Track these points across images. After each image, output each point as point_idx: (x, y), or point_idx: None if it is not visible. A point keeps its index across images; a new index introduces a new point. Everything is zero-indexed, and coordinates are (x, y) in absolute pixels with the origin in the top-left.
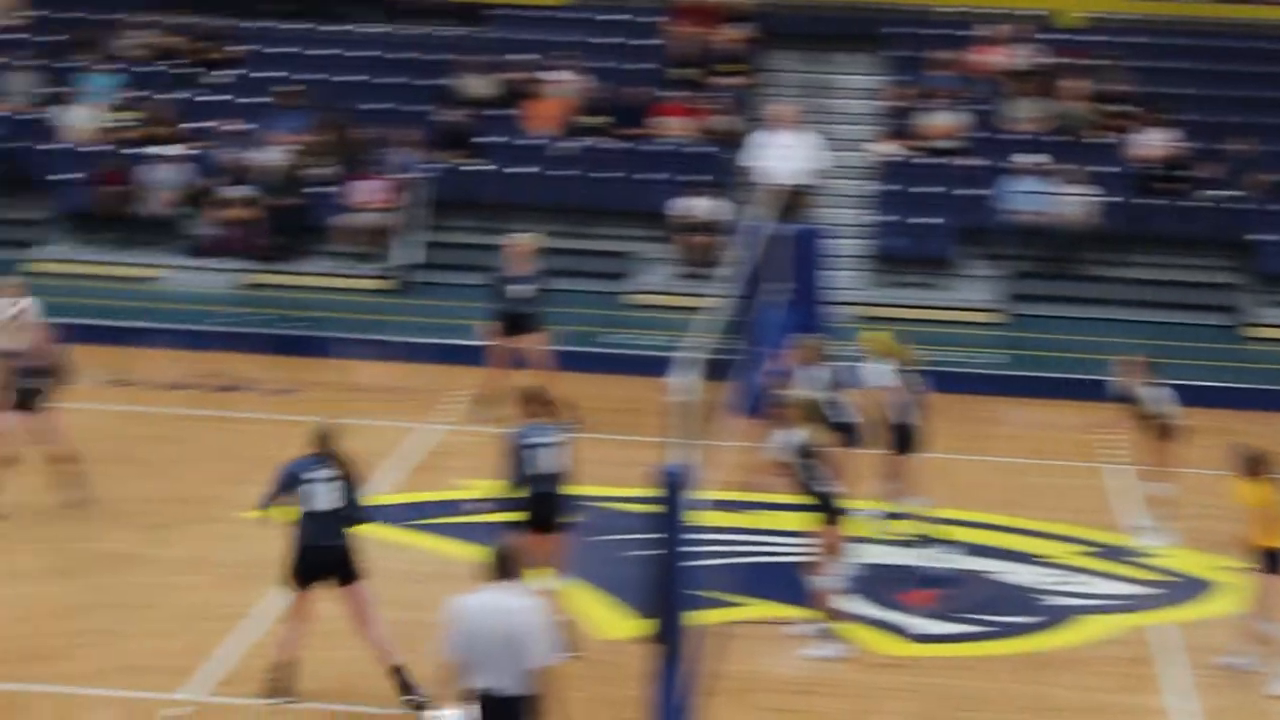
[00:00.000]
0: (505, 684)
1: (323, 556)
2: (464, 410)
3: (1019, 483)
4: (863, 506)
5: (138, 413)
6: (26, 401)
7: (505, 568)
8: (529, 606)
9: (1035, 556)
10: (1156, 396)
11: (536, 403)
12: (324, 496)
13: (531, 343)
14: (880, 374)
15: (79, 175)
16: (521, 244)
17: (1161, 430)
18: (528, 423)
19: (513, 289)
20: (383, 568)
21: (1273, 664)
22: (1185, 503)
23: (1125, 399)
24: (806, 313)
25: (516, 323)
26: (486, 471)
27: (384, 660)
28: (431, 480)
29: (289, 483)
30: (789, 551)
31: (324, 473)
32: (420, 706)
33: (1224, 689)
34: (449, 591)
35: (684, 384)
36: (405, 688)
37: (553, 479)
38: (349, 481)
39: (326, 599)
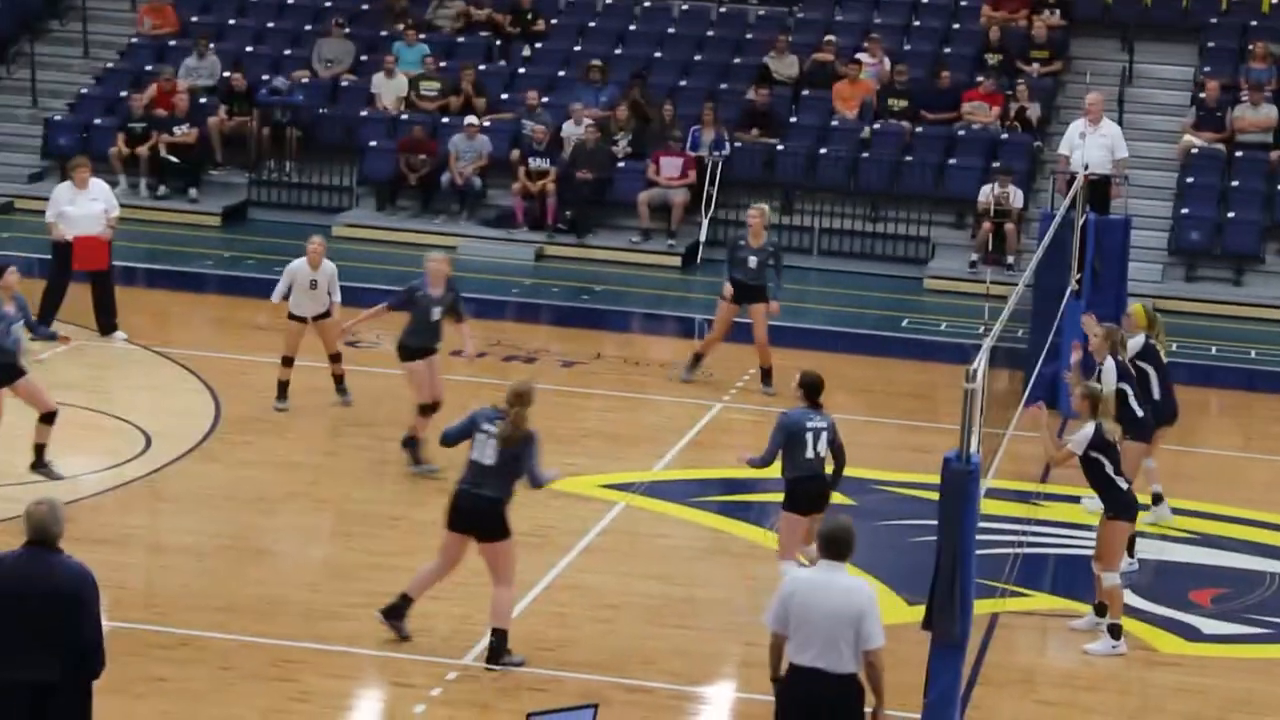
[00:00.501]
0: (834, 663)
1: (470, 505)
2: (747, 387)
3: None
4: (1149, 501)
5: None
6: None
7: (838, 547)
8: (862, 587)
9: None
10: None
11: (814, 388)
12: (489, 450)
13: (756, 313)
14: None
15: (386, 143)
16: (755, 214)
17: None
18: (803, 406)
19: (747, 257)
20: (659, 543)
21: None
22: None
23: None
24: (1108, 304)
25: (746, 292)
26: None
27: (494, 621)
28: (710, 457)
29: (468, 427)
30: (1077, 544)
31: (490, 425)
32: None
33: None
34: (722, 568)
35: (977, 371)
36: (496, 653)
37: (823, 463)
38: (522, 443)
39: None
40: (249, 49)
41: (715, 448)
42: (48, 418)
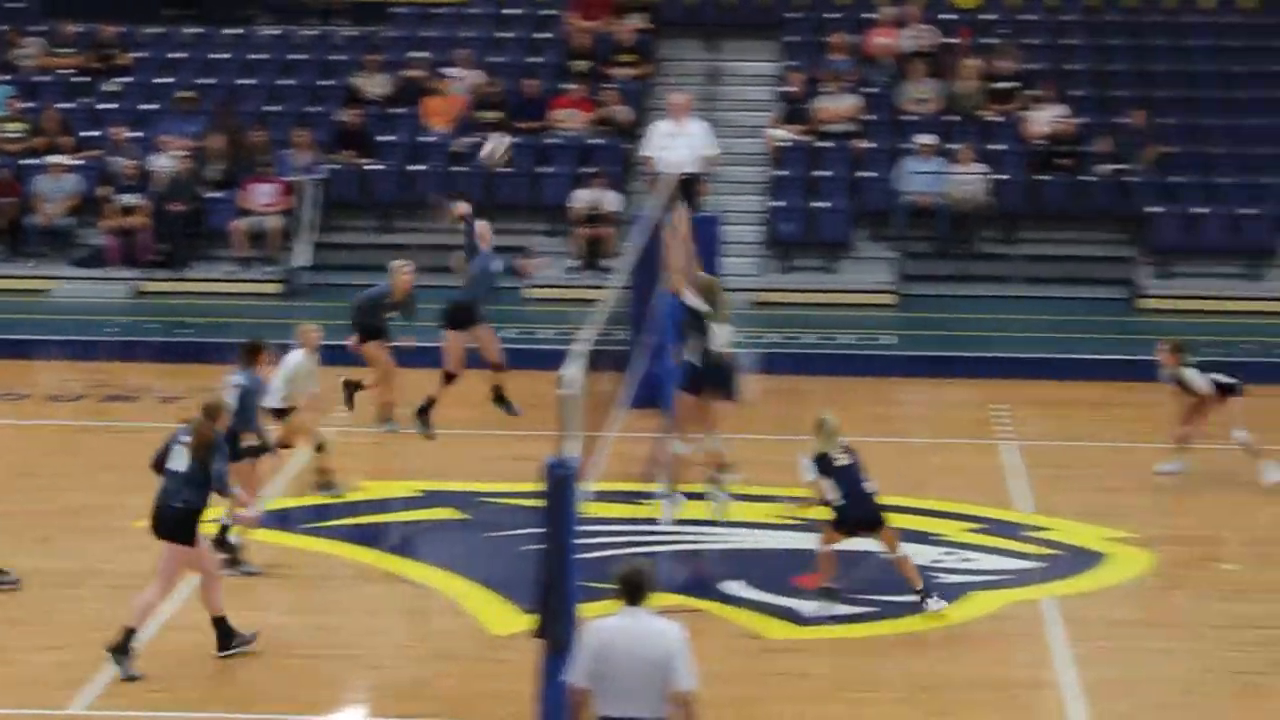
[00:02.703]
0: (646, 709)
1: (166, 513)
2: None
3: (916, 463)
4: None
5: (27, 426)
6: None
7: (637, 591)
8: (671, 629)
9: (929, 535)
10: (1192, 375)
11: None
12: (183, 460)
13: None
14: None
15: None
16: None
17: (1197, 407)
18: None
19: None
20: (283, 573)
21: None
22: (1078, 475)
23: (1176, 381)
24: None
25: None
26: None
27: (131, 620)
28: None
29: (167, 443)
30: (686, 541)
31: (185, 437)
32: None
33: (1108, 662)
34: (352, 594)
35: (574, 377)
36: (121, 647)
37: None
38: (208, 449)
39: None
40: None
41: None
42: None
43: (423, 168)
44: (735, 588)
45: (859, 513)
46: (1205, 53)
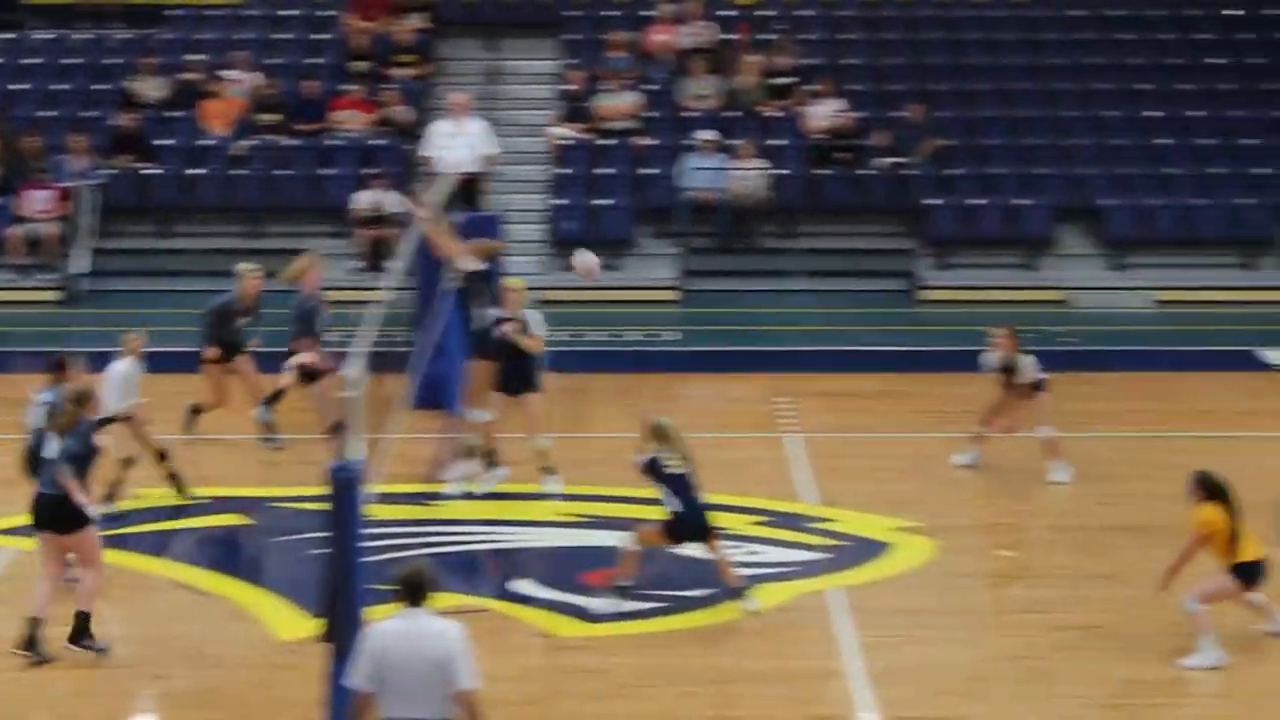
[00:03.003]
0: (430, 710)
1: (45, 502)
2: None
3: (702, 457)
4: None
5: None
6: None
7: (417, 592)
8: (452, 630)
9: (716, 528)
10: (1028, 364)
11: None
12: (53, 447)
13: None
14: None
15: None
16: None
17: (1027, 394)
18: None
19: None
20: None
21: None
22: (862, 466)
23: (1004, 369)
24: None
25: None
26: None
27: (79, 604)
28: (99, 492)
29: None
30: (472, 540)
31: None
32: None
33: (892, 648)
34: (116, 603)
35: (354, 379)
36: (77, 635)
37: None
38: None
39: None
40: None
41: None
42: None
43: (202, 171)
44: (524, 586)
45: (693, 523)
46: (979, 46)
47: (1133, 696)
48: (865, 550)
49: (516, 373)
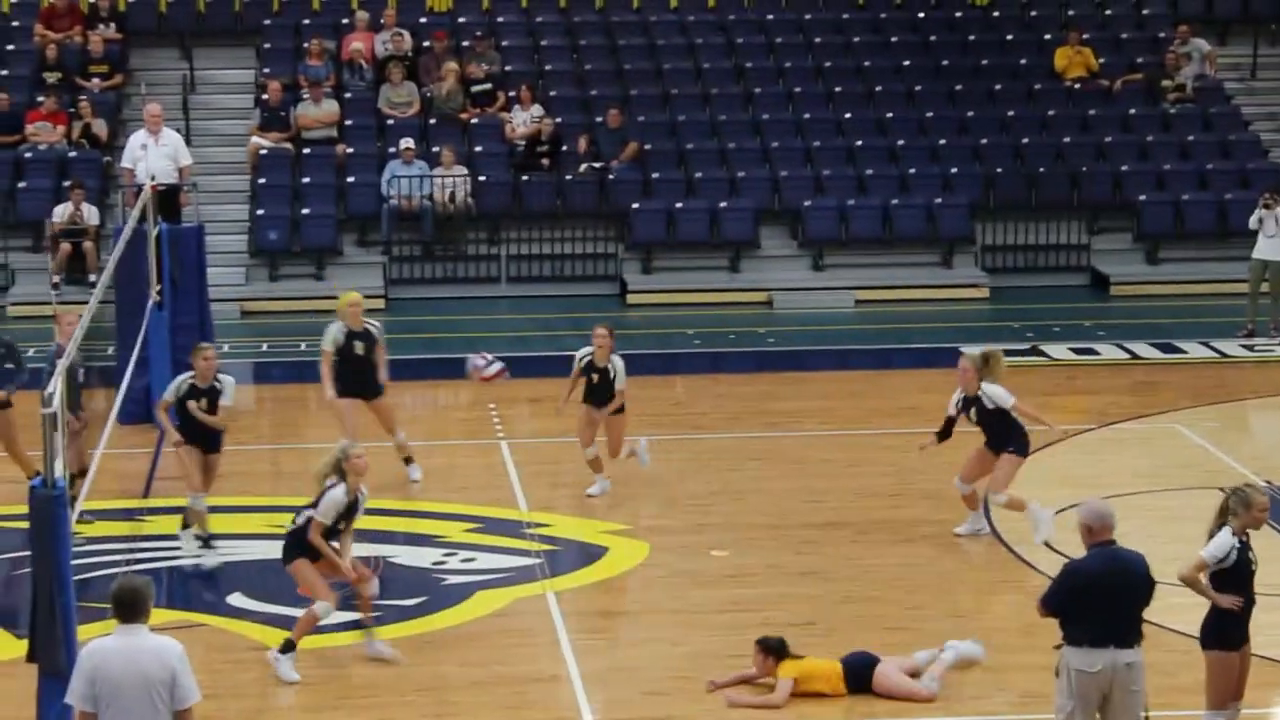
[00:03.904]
0: None
1: None
2: None
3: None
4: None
5: None
6: None
7: (132, 609)
8: (170, 646)
9: (430, 536)
10: (619, 368)
11: None
12: None
13: None
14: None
15: None
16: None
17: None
18: None
19: None
20: None
21: None
22: (572, 470)
23: (590, 370)
24: (191, 312)
25: None
26: None
27: None
28: None
29: None
30: (180, 556)
31: None
32: None
33: (608, 650)
34: None
35: (52, 394)
36: None
37: None
38: None
39: None
40: None
41: None
42: None
43: None
44: (237, 600)
45: None
46: (677, 51)
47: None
48: (580, 554)
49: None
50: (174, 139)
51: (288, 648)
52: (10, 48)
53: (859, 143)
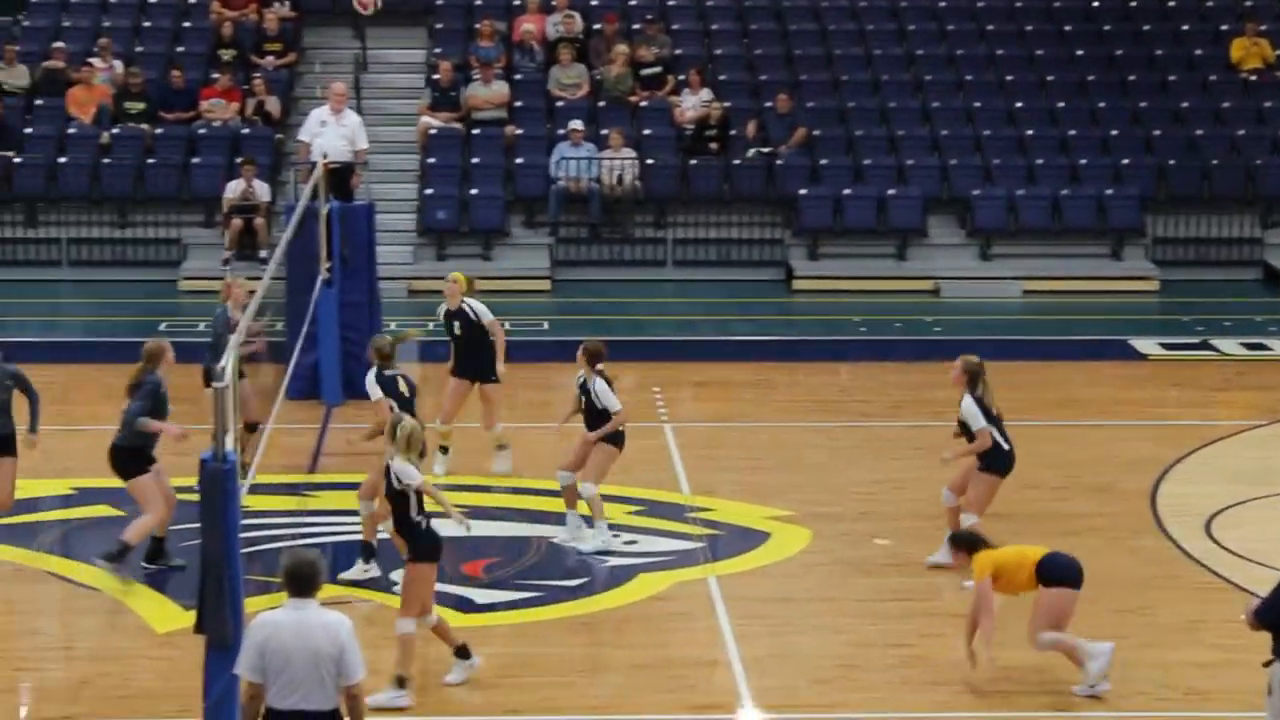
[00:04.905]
0: (318, 702)
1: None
2: None
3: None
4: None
5: None
6: None
7: (304, 583)
8: (340, 622)
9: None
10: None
11: None
12: None
13: None
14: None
15: None
16: None
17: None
18: None
19: None
20: None
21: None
22: (736, 455)
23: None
24: (360, 290)
25: None
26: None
27: None
28: None
29: None
30: (351, 530)
31: None
32: None
33: (770, 636)
34: (4, 595)
35: (228, 370)
36: None
37: None
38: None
39: None
40: None
41: None
42: None
43: (69, 160)
44: (398, 576)
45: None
46: (848, 36)
47: (1003, 684)
48: (743, 539)
49: None
50: (354, 120)
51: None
52: (187, 25)
53: (1029, 132)
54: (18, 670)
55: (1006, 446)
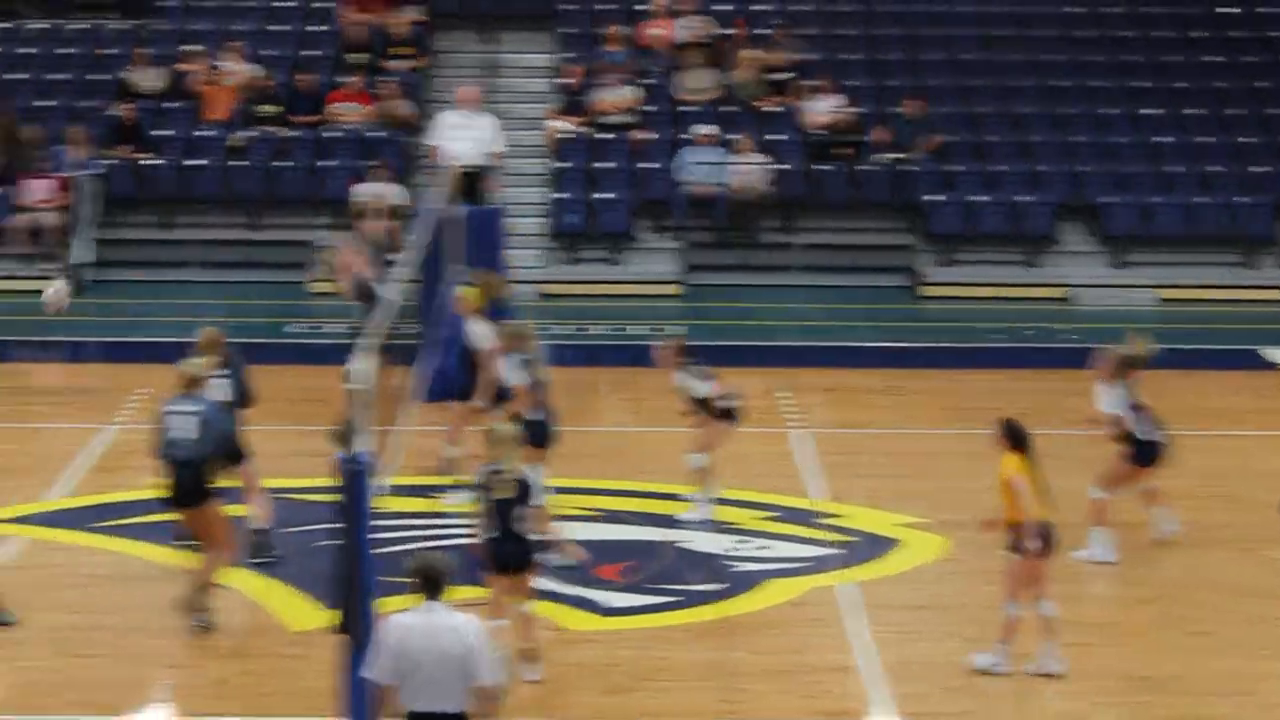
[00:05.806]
0: (449, 704)
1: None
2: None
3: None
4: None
5: None
6: None
7: (434, 584)
8: (469, 624)
9: (724, 524)
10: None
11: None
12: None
13: None
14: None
15: None
16: None
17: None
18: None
19: None
20: (57, 572)
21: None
22: (866, 461)
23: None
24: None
25: None
26: None
27: None
28: (112, 481)
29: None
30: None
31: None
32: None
33: (903, 644)
34: (128, 593)
35: (362, 371)
36: None
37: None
38: None
39: None
40: None
41: (115, 471)
42: None
43: (201, 163)
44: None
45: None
46: (976, 42)
47: (1141, 694)
48: (874, 546)
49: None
50: (487, 124)
51: None
52: (315, 29)
53: (1159, 139)
54: (170, 668)
55: (1144, 438)
